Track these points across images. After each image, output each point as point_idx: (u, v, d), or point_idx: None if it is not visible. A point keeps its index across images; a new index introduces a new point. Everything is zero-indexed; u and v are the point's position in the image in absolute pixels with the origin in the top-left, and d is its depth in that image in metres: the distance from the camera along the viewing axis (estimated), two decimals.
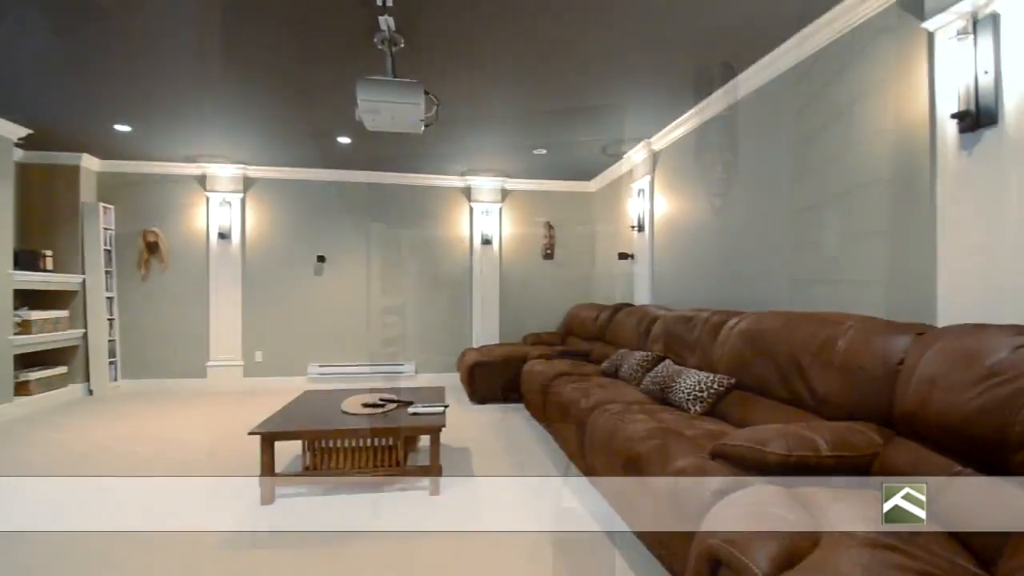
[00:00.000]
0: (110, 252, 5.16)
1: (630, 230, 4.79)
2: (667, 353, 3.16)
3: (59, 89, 3.41)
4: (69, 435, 3.70)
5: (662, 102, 3.55)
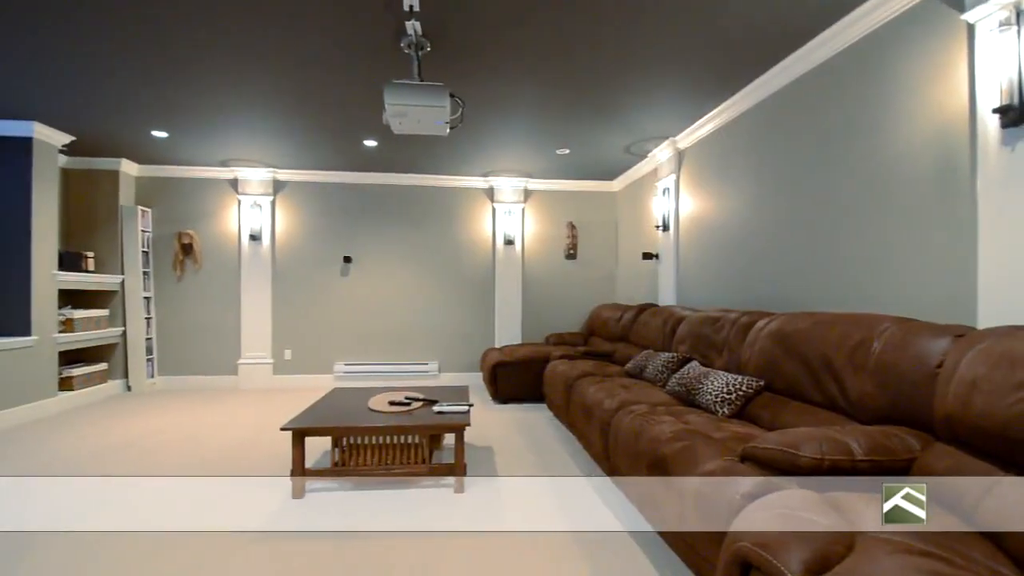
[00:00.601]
0: (147, 253, 5.36)
1: (654, 229, 4.74)
2: (693, 354, 3.12)
3: (100, 97, 3.56)
4: (107, 429, 3.86)
5: (688, 100, 3.51)
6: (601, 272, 6.08)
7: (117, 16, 2.47)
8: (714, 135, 3.81)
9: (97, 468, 3.00)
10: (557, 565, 1.96)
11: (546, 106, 3.63)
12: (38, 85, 3.36)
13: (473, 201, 5.91)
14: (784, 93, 2.99)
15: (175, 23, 2.54)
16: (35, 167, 4.17)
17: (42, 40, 2.72)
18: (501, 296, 5.88)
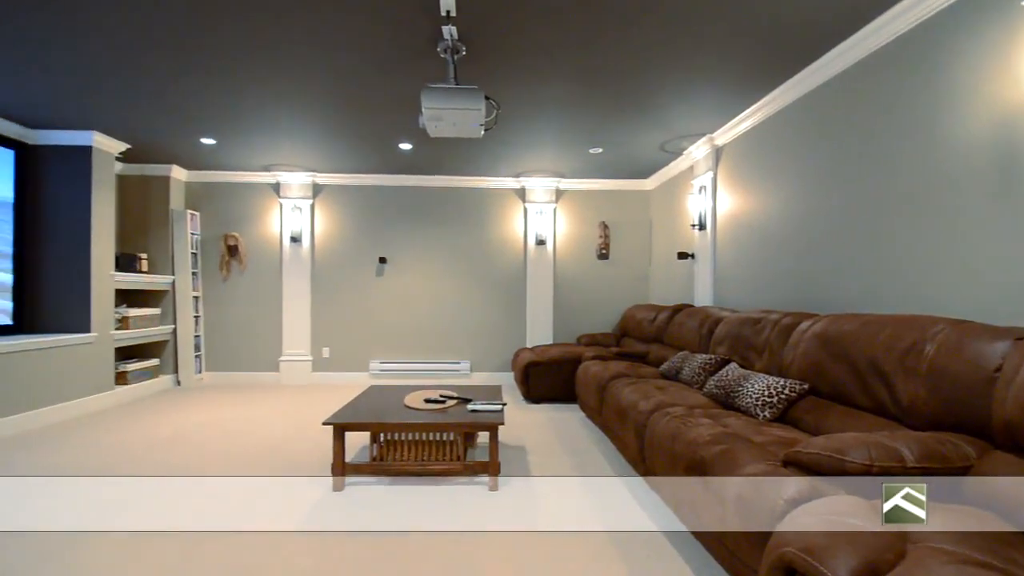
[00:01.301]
0: (196, 255, 5.63)
1: (690, 228, 4.66)
2: (732, 356, 3.05)
3: (154, 107, 3.77)
4: (159, 423, 4.07)
5: (726, 95, 3.44)
6: (634, 272, 6.01)
7: (171, 32, 2.62)
8: (754, 131, 3.71)
9: (150, 460, 3.17)
10: (593, 565, 1.96)
11: (580, 105, 3.62)
12: (97, 97, 3.58)
13: (505, 201, 5.94)
14: (830, 86, 2.89)
15: (225, 36, 2.67)
16: (94, 174, 4.44)
17: (102, 56, 2.90)
18: (532, 296, 5.89)
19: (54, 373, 4.06)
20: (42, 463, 3.08)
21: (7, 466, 3.03)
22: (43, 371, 3.97)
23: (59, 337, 4.14)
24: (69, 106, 3.77)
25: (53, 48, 2.82)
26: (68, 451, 3.31)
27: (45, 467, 3.01)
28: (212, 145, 4.68)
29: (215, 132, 4.34)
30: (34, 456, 3.21)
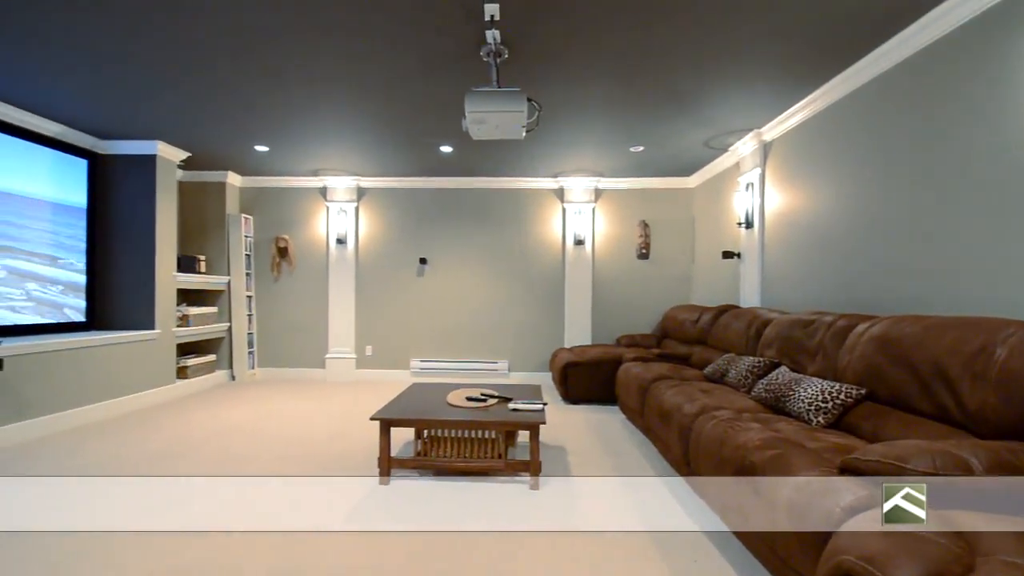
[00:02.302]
0: (249, 256, 5.92)
1: (736, 227, 4.53)
2: (782, 359, 2.95)
3: (212, 117, 4.00)
4: (217, 415, 4.30)
5: (775, 89, 3.32)
6: (675, 272, 5.89)
7: (227, 48, 2.77)
8: (805, 125, 3.57)
9: (208, 451, 3.35)
10: (635, 565, 1.95)
11: (622, 104, 3.58)
12: (161, 109, 3.83)
13: (543, 202, 5.94)
14: (890, 76, 2.75)
15: (277, 50, 2.80)
16: (158, 181, 4.74)
17: (165, 72, 3.10)
18: (570, 296, 5.87)
19: (122, 367, 4.36)
20: (112, 452, 3.31)
21: (80, 454, 3.28)
22: (112, 365, 4.27)
23: (126, 334, 4.45)
24: (135, 118, 4.04)
25: (122, 66, 3.04)
26: (134, 442, 3.54)
27: (115, 456, 3.24)
28: (265, 152, 4.91)
29: (268, 139, 4.55)
30: (105, 444, 3.46)
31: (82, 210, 4.56)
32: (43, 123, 4.02)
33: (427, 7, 2.35)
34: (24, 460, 3.11)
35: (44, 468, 2.99)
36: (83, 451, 3.30)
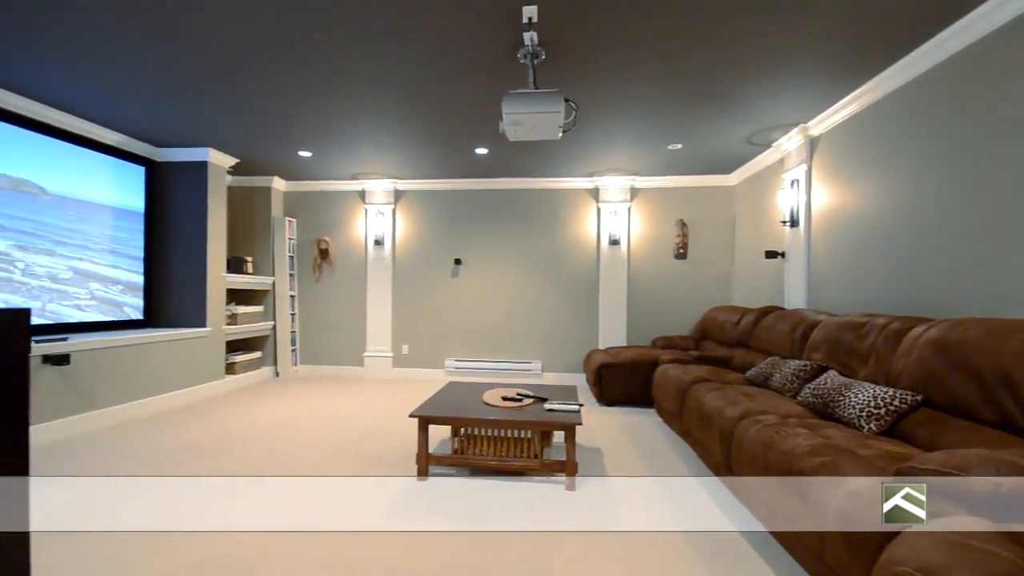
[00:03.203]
0: (293, 258, 6.14)
1: (780, 225, 4.37)
2: (830, 363, 2.83)
3: (260, 125, 4.17)
4: (264, 409, 4.48)
5: (822, 81, 3.19)
6: (715, 272, 5.73)
7: (273, 59, 2.88)
8: (855, 119, 3.42)
9: (258, 445, 3.49)
10: (674, 568, 1.92)
11: (661, 102, 3.52)
12: (212, 118, 4.02)
13: (578, 202, 5.91)
14: (951, 65, 2.60)
15: (319, 59, 2.90)
16: (209, 186, 4.98)
17: (216, 83, 3.25)
18: (605, 297, 5.81)
19: (176, 363, 4.60)
20: (168, 444, 3.50)
21: (139, 445, 3.48)
22: (167, 361, 4.51)
23: (180, 331, 4.69)
24: (188, 126, 4.26)
25: (176, 79, 3.21)
26: (188, 435, 3.73)
27: (170, 447, 3.42)
28: (308, 157, 5.09)
29: (311, 145, 4.70)
30: (160, 437, 3.65)
31: (140, 214, 4.83)
32: (106, 133, 4.29)
33: (465, 10, 2.38)
34: (89, 449, 3.33)
35: (108, 458, 3.18)
36: (142, 442, 3.50)
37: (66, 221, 4.10)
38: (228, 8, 2.40)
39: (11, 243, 3.67)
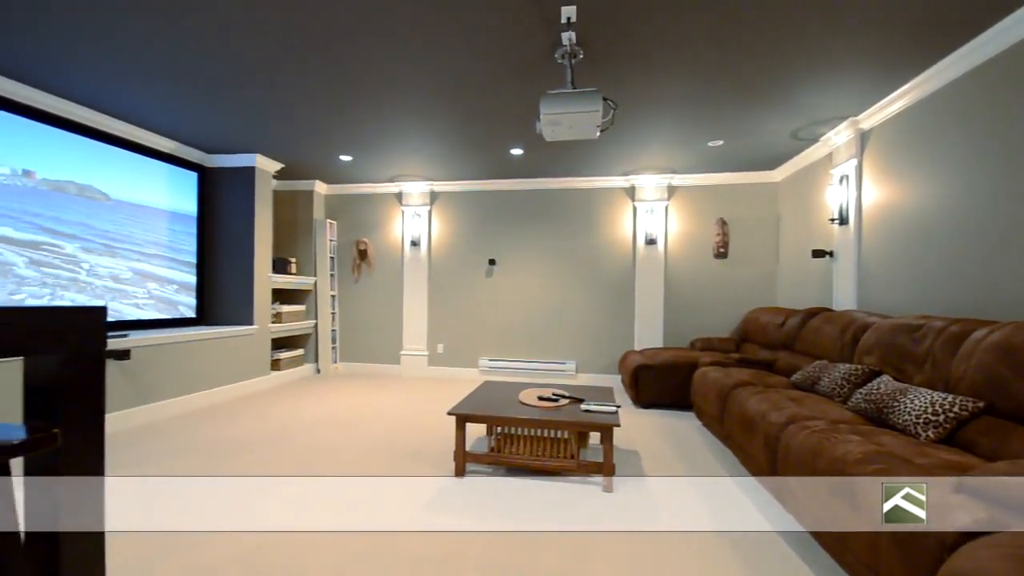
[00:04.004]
0: (333, 259, 6.33)
1: (828, 223, 4.20)
2: (883, 367, 2.70)
3: (303, 132, 4.32)
4: (308, 404, 4.65)
5: (874, 72, 3.04)
6: (757, 272, 5.55)
7: (314, 66, 2.98)
8: (910, 111, 3.25)
9: (302, 439, 3.62)
10: (715, 570, 1.88)
11: (701, 97, 3.44)
12: (259, 125, 4.19)
13: (613, 201, 5.84)
14: (1015, 54, 2.44)
15: (359, 66, 2.97)
16: (257, 190, 5.19)
17: (264, 93, 3.39)
18: (641, 297, 5.72)
19: (226, 359, 4.82)
20: (218, 436, 3.67)
21: (191, 435, 3.66)
22: (218, 357, 4.73)
23: (230, 328, 4.91)
24: (238, 134, 4.46)
25: (227, 88, 3.37)
26: (238, 426, 3.90)
27: (220, 439, 3.59)
28: (348, 161, 5.23)
29: (351, 149, 4.84)
30: (213, 429, 3.84)
31: (193, 218, 5.09)
32: (161, 141, 4.55)
33: (504, 13, 2.39)
34: (149, 440, 3.53)
35: (167, 448, 3.37)
36: (197, 434, 3.69)
37: (126, 225, 4.36)
38: (277, 21, 2.51)
39: (78, 246, 3.93)
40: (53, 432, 0.85)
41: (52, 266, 3.74)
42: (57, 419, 0.92)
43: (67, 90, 3.50)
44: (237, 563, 1.96)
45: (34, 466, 0.96)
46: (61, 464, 0.92)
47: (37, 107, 3.53)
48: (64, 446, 0.91)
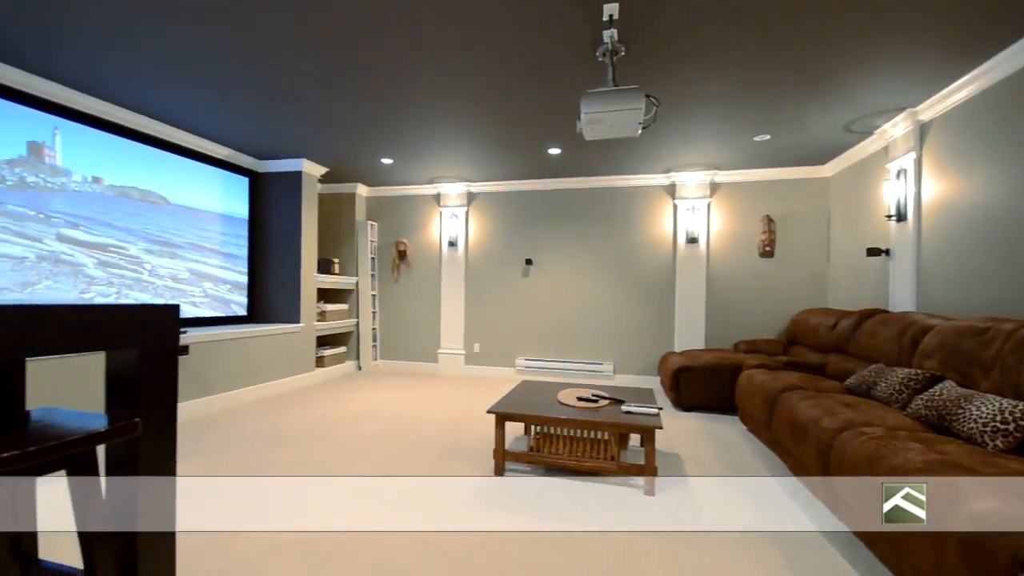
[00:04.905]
0: (374, 259, 6.49)
1: (884, 220, 3.99)
2: (946, 372, 2.55)
3: (347, 136, 4.45)
4: (351, 400, 4.79)
5: (935, 60, 2.87)
6: (806, 272, 5.32)
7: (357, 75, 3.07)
8: (974, 101, 3.05)
9: (346, 433, 3.74)
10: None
11: (748, 91, 3.32)
12: (306, 131, 4.35)
13: (652, 199, 5.74)
14: None
15: (400, 70, 3.05)
16: (303, 194, 5.39)
17: (313, 99, 3.51)
18: (682, 298, 5.59)
19: (275, 355, 5.03)
20: (269, 428, 3.84)
21: (245, 427, 3.83)
22: (267, 353, 4.94)
23: (278, 326, 5.12)
24: (287, 140, 4.64)
25: (277, 97, 3.51)
26: (288, 419, 4.07)
27: (271, 431, 3.74)
28: (389, 164, 5.36)
29: (392, 152, 4.95)
30: (265, 421, 4.01)
31: (245, 220, 5.33)
32: (215, 147, 4.78)
33: (544, 14, 2.40)
34: (208, 431, 3.72)
35: (224, 438, 3.54)
36: (250, 426, 3.87)
37: (184, 227, 4.61)
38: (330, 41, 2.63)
39: (142, 247, 4.19)
40: (134, 421, 0.91)
41: (118, 267, 4.00)
42: (136, 409, 0.99)
43: (133, 102, 3.74)
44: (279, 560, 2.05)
45: (115, 453, 1.04)
46: (139, 451, 1.00)
47: (106, 119, 3.79)
48: (142, 434, 0.99)
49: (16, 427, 0.94)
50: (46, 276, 3.49)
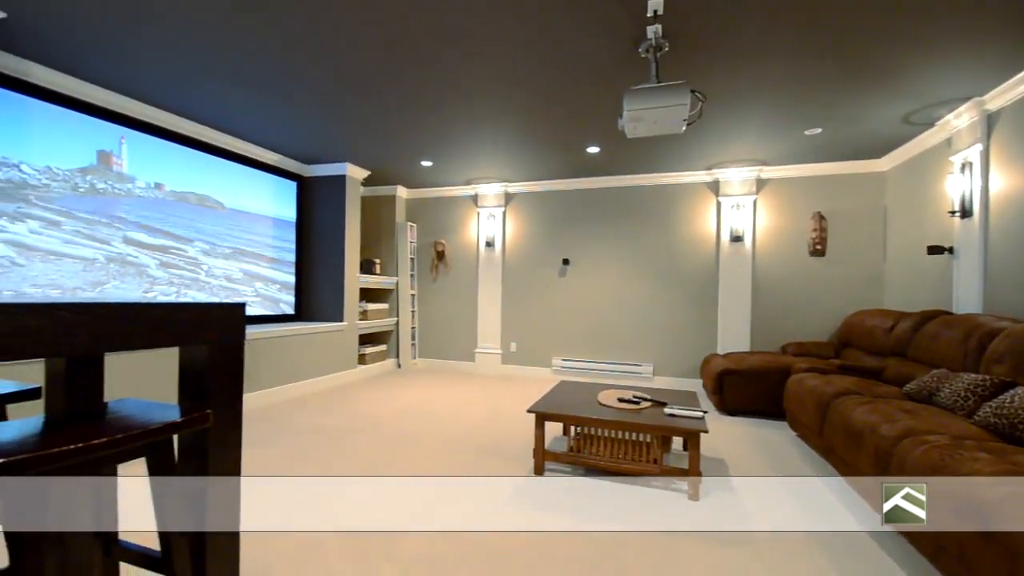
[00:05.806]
0: (413, 260, 6.63)
1: (947, 216, 3.75)
2: (1017, 378, 2.37)
3: (388, 140, 4.56)
4: (393, 396, 4.91)
5: (1003, 46, 2.68)
6: (860, 271, 5.07)
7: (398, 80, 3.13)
8: None
9: (387, 428, 3.83)
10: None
11: (798, 83, 3.19)
12: (349, 136, 4.49)
13: (695, 196, 5.60)
14: None
15: (440, 73, 3.09)
16: (347, 196, 5.56)
17: (356, 103, 3.62)
18: (725, 298, 5.43)
19: (320, 352, 5.21)
20: (316, 422, 3.98)
21: (294, 421, 3.99)
22: (314, 350, 5.12)
23: (323, 325, 5.30)
24: (332, 145, 4.80)
25: (322, 103, 3.64)
26: (333, 414, 4.21)
27: (318, 424, 3.88)
28: (428, 166, 5.46)
29: (432, 155, 5.04)
30: (312, 415, 4.16)
31: (292, 223, 5.55)
32: (265, 153, 5.00)
33: (587, 12, 2.38)
34: (260, 423, 3.89)
35: (275, 430, 3.70)
36: (298, 419, 4.02)
37: (237, 230, 4.84)
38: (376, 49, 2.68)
39: (199, 249, 4.42)
40: (206, 412, 0.97)
41: (177, 267, 4.24)
42: (206, 401, 1.06)
43: (192, 112, 3.96)
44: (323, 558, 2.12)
45: (186, 443, 1.11)
46: (209, 441, 1.06)
47: (167, 128, 4.03)
48: (212, 425, 1.05)
49: (97, 417, 1.01)
50: (114, 276, 3.74)
